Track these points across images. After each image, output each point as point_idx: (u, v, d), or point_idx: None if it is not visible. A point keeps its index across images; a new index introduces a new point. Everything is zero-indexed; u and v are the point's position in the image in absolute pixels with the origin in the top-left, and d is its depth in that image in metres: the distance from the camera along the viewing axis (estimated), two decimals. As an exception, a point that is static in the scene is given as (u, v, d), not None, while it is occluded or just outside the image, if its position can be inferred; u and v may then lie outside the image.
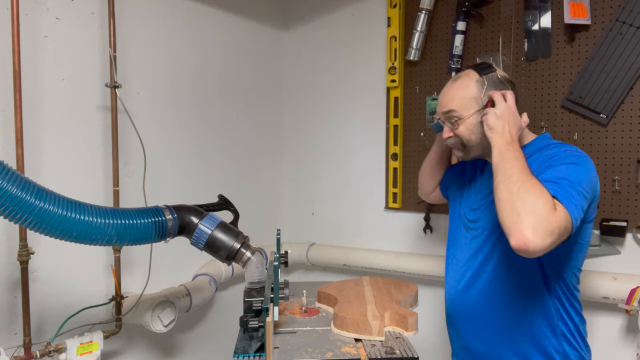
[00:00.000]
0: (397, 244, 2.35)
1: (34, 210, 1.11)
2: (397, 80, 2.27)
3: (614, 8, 1.74)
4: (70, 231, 1.18)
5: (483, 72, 1.30)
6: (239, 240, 1.45)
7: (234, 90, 2.45)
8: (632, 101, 1.72)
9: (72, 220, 1.17)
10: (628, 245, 1.75)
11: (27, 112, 1.59)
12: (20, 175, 1.13)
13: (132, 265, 1.95)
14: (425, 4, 2.13)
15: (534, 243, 1.06)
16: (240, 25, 2.48)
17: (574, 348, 1.36)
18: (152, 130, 2.01)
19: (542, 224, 1.07)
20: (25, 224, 1.13)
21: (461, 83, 1.32)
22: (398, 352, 1.20)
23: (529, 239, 1.06)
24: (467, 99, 1.30)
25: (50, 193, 1.17)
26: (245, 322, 1.35)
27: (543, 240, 1.06)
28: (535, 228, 1.06)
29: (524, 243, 1.07)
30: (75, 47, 1.78)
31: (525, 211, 1.08)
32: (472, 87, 1.30)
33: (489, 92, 1.28)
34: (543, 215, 1.07)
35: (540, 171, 1.21)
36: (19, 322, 1.58)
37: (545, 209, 1.08)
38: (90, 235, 1.21)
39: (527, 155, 1.25)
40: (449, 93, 1.34)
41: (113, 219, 1.25)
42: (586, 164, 1.23)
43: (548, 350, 1.34)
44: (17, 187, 1.09)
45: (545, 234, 1.06)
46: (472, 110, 1.29)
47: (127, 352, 1.98)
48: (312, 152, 2.69)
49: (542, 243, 1.06)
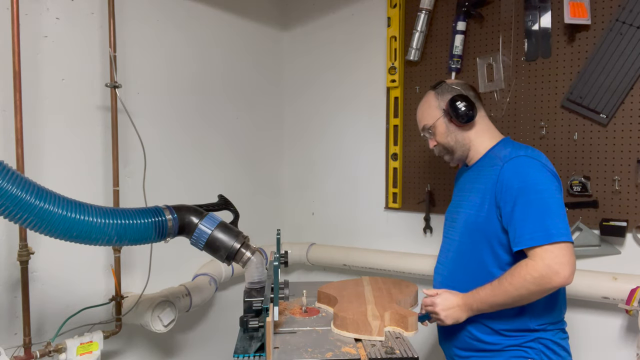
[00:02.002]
0: (397, 244, 2.35)
1: (34, 210, 1.11)
2: (397, 80, 2.27)
3: (614, 8, 1.74)
4: (70, 231, 1.18)
5: (435, 87, 1.57)
6: (239, 240, 1.45)
7: (234, 90, 2.45)
8: (632, 101, 1.72)
9: (72, 220, 1.17)
10: (628, 245, 1.75)
11: (27, 112, 1.59)
12: (20, 175, 1.13)
13: (132, 265, 1.95)
14: (425, 4, 2.13)
15: (566, 280, 1.28)
16: (241, 25, 2.48)
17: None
18: (152, 130, 2.01)
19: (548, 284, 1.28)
20: (26, 224, 1.13)
21: (423, 102, 1.60)
22: (398, 352, 1.20)
23: (566, 282, 1.28)
24: (430, 110, 1.56)
25: (51, 193, 1.17)
26: (245, 322, 1.35)
27: (568, 276, 1.27)
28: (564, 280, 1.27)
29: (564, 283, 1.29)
30: (75, 47, 1.78)
31: (537, 293, 1.30)
32: (431, 100, 1.56)
33: (442, 102, 1.53)
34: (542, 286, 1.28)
35: (505, 191, 1.36)
36: (19, 322, 1.58)
37: (536, 281, 1.28)
38: (90, 235, 1.21)
39: (482, 165, 1.49)
40: (418, 113, 1.62)
41: (113, 219, 1.25)
42: (538, 177, 1.36)
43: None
44: (17, 187, 1.09)
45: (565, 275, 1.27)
46: (436, 117, 1.54)
47: (127, 352, 1.98)
48: (312, 152, 2.69)
49: (567, 279, 1.28)
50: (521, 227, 1.32)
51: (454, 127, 1.52)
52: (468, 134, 1.52)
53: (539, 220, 1.30)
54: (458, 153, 1.55)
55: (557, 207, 1.32)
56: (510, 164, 1.38)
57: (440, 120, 1.53)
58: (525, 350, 1.39)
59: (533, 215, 1.31)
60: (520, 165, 1.38)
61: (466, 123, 1.49)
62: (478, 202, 1.45)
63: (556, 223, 1.29)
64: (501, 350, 1.42)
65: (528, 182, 1.35)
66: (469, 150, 1.53)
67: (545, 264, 1.26)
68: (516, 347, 1.40)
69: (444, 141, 1.54)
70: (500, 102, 2.00)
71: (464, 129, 1.51)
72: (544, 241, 1.28)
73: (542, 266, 1.26)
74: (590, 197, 1.80)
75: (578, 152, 1.83)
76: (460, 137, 1.52)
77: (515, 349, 1.40)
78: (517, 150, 1.42)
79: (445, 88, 1.54)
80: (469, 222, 1.48)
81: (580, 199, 1.82)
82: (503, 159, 1.41)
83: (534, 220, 1.30)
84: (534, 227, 1.30)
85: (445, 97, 1.52)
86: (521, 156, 1.39)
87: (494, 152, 1.49)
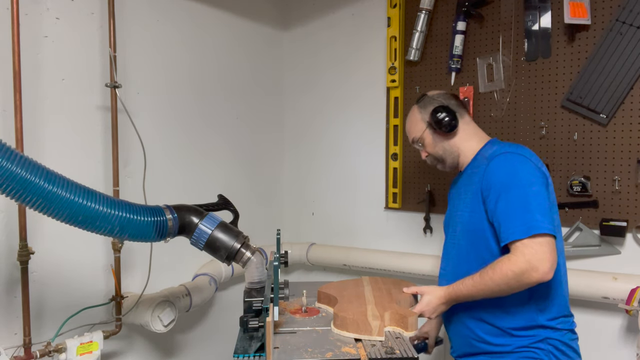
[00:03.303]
0: (397, 244, 2.35)
1: (42, 192, 1.14)
2: (397, 80, 2.27)
3: (614, 8, 1.74)
4: (76, 215, 1.21)
5: (418, 102, 1.64)
6: (239, 240, 1.45)
7: (234, 90, 2.45)
8: (632, 101, 1.72)
9: (79, 205, 1.20)
10: (628, 245, 1.75)
11: (27, 112, 1.59)
12: (29, 158, 1.16)
13: (132, 265, 1.95)
14: (425, 4, 2.13)
15: (545, 275, 1.28)
16: (241, 25, 2.48)
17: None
18: (152, 130, 2.01)
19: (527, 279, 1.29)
20: (35, 206, 1.16)
21: (409, 116, 1.66)
22: (398, 352, 1.20)
23: (544, 278, 1.28)
24: (415, 124, 1.62)
25: (60, 177, 1.20)
26: (245, 322, 1.35)
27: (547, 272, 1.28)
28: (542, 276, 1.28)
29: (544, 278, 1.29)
30: (75, 47, 1.78)
31: (516, 286, 1.31)
32: (416, 114, 1.62)
33: (425, 115, 1.59)
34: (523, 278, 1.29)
35: (489, 188, 1.40)
36: (19, 322, 1.58)
37: (517, 276, 1.29)
38: (94, 222, 1.24)
39: (472, 167, 1.53)
40: (406, 128, 1.69)
41: (118, 211, 1.27)
42: (520, 171, 1.38)
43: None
44: (25, 169, 1.12)
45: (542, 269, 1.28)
46: (422, 129, 1.60)
47: (127, 352, 1.98)
48: (312, 152, 2.69)
49: (546, 275, 1.28)
50: (505, 222, 1.34)
51: (440, 137, 1.57)
52: (454, 142, 1.57)
53: (519, 215, 1.32)
54: (448, 161, 1.59)
55: (538, 200, 1.34)
56: (494, 161, 1.42)
57: (427, 132, 1.58)
58: (534, 351, 1.39)
59: (514, 210, 1.33)
60: (503, 161, 1.41)
61: (450, 132, 1.54)
62: (470, 203, 1.48)
63: (535, 216, 1.30)
64: (510, 353, 1.42)
65: (510, 177, 1.38)
66: (458, 156, 1.58)
67: (525, 259, 1.27)
68: (525, 348, 1.40)
69: (432, 151, 1.60)
70: (500, 102, 2.00)
71: (449, 137, 1.56)
72: (523, 235, 1.29)
73: (522, 261, 1.28)
74: (590, 197, 1.80)
75: (578, 152, 1.83)
76: (448, 146, 1.57)
77: (525, 350, 1.40)
78: (502, 148, 1.46)
79: (427, 101, 1.60)
80: (465, 223, 1.50)
81: (580, 199, 1.82)
82: (488, 158, 1.45)
83: (515, 214, 1.33)
84: (515, 222, 1.32)
85: (427, 110, 1.57)
86: (505, 153, 1.43)
87: (481, 153, 1.53)
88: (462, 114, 1.57)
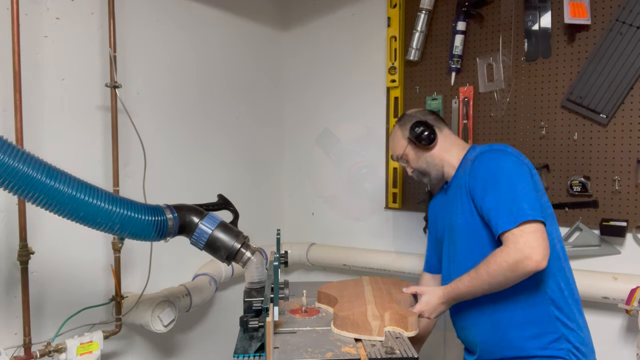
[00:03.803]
0: (397, 244, 2.35)
1: (44, 188, 1.14)
2: (397, 80, 2.27)
3: (614, 8, 1.74)
4: (77, 211, 1.21)
5: (399, 120, 1.70)
6: (239, 240, 1.45)
7: (234, 90, 2.45)
8: (632, 101, 1.72)
9: (81, 202, 1.20)
10: (628, 245, 1.75)
11: (27, 112, 1.59)
12: (30, 154, 1.15)
13: (132, 265, 1.95)
14: (425, 4, 2.13)
15: (539, 264, 1.29)
16: (241, 25, 2.48)
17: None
18: (152, 130, 2.01)
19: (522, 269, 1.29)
20: (36, 202, 1.16)
21: (392, 135, 1.72)
22: (398, 352, 1.20)
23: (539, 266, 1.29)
24: (397, 141, 1.67)
25: (62, 173, 1.19)
26: (245, 322, 1.35)
27: (540, 260, 1.29)
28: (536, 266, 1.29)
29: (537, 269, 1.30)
30: (75, 47, 1.78)
31: (512, 279, 1.32)
32: (397, 132, 1.68)
33: (405, 132, 1.64)
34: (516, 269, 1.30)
35: (475, 185, 1.44)
36: (19, 322, 1.58)
37: (511, 267, 1.30)
38: (96, 218, 1.24)
39: (459, 172, 1.56)
40: (390, 146, 1.75)
41: (119, 208, 1.27)
42: (504, 166, 1.42)
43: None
44: (26, 165, 1.12)
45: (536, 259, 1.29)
46: (404, 145, 1.65)
47: (127, 352, 1.98)
48: (312, 152, 2.69)
49: (540, 263, 1.29)
50: (494, 216, 1.37)
51: (421, 151, 1.62)
52: (435, 153, 1.61)
53: (507, 206, 1.35)
54: (433, 173, 1.63)
55: (524, 190, 1.37)
56: (478, 160, 1.48)
57: (408, 147, 1.64)
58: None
59: (501, 202, 1.36)
60: (487, 158, 1.47)
61: (430, 144, 1.59)
62: (461, 205, 1.51)
63: (521, 205, 1.33)
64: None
65: (494, 172, 1.42)
66: (442, 167, 1.61)
67: (517, 249, 1.29)
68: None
69: (416, 166, 1.64)
70: (500, 102, 2.00)
71: (430, 149, 1.61)
72: (512, 225, 1.31)
73: (514, 251, 1.29)
74: (590, 197, 1.80)
75: (578, 152, 1.83)
76: (430, 158, 1.61)
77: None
78: (484, 148, 1.53)
79: (406, 119, 1.66)
80: (460, 225, 1.52)
81: (580, 199, 1.82)
82: (472, 159, 1.51)
83: (502, 206, 1.35)
84: (503, 213, 1.34)
85: (407, 127, 1.63)
86: (488, 151, 1.49)
87: (465, 158, 1.57)
88: (440, 127, 1.62)
